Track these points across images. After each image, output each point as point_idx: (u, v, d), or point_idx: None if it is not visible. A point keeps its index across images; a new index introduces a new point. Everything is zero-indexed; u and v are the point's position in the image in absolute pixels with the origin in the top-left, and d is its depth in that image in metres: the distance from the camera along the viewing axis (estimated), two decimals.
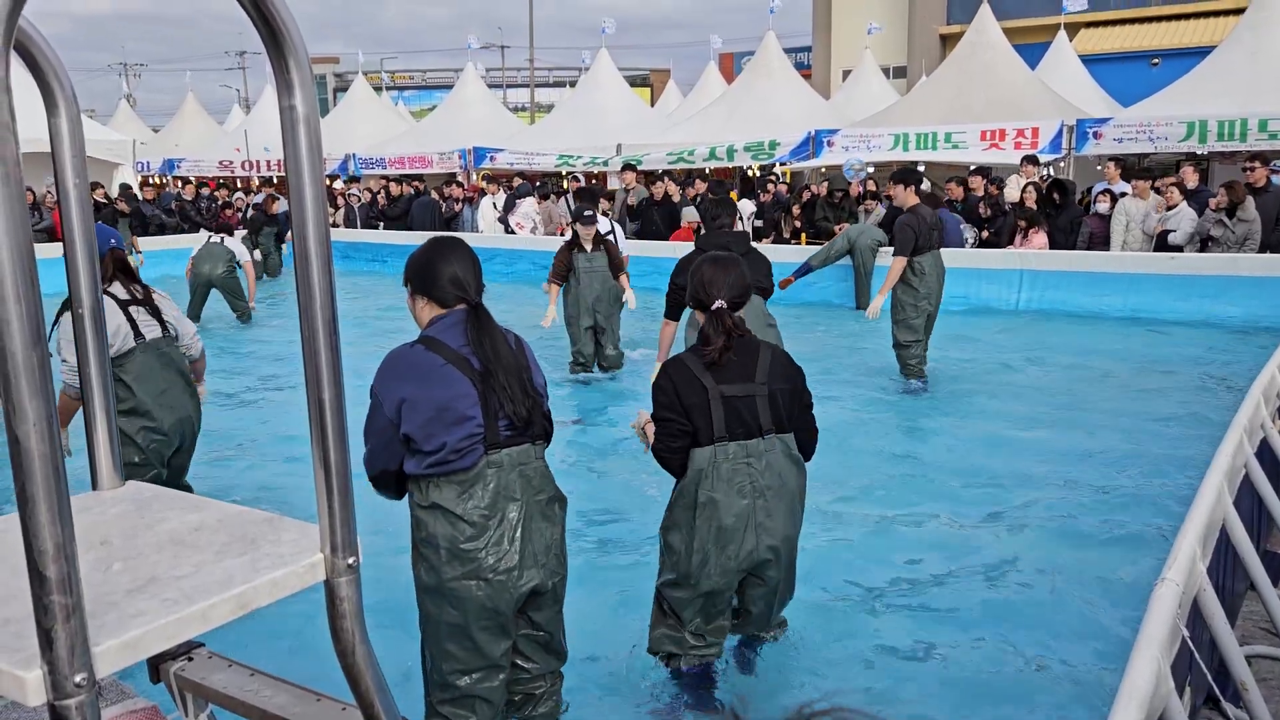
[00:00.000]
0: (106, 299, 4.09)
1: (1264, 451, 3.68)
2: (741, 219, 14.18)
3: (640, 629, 3.55)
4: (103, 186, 17.27)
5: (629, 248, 9.79)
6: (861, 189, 13.65)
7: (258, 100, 32.74)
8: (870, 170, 14.54)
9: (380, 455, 2.70)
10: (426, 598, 2.74)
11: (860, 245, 11.52)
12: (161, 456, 4.43)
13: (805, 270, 11.32)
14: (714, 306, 3.24)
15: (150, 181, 24.77)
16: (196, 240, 12.08)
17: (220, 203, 19.27)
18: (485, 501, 2.66)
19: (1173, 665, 2.08)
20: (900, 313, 7.53)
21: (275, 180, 24.08)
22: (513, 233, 15.08)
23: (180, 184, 20.14)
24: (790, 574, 3.40)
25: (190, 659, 1.72)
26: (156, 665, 1.70)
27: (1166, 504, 5.04)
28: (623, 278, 8.02)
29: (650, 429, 3.31)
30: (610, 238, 8.47)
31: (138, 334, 4.33)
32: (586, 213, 7.88)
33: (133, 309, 4.35)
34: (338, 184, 21.48)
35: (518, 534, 2.69)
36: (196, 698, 1.69)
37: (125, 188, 17.34)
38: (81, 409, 1.61)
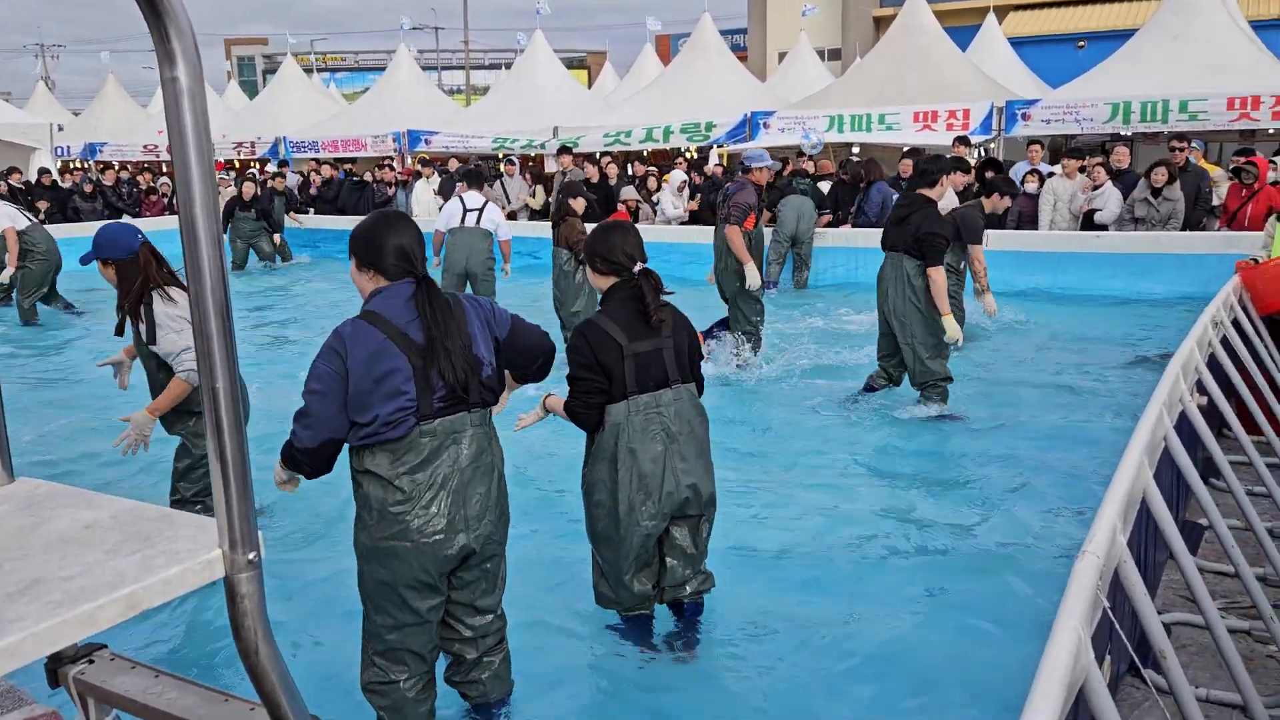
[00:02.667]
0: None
1: (1183, 425, 3.76)
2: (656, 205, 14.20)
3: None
4: (19, 171, 16.66)
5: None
6: (813, 165, 13.69)
7: None
8: (821, 146, 14.67)
9: (326, 425, 2.73)
10: (362, 554, 2.85)
11: (801, 233, 11.49)
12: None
13: (773, 286, 11.33)
14: (638, 269, 3.44)
15: (71, 167, 23.97)
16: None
17: (144, 188, 18.69)
18: (414, 466, 2.74)
19: (1094, 636, 2.11)
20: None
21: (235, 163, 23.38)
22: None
23: (101, 168, 19.47)
24: (711, 509, 3.60)
25: (91, 661, 1.64)
26: (55, 669, 1.62)
27: (1091, 478, 5.15)
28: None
29: (545, 404, 3.56)
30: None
31: None
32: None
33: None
34: (269, 168, 21.00)
35: (448, 499, 2.77)
36: (99, 702, 1.62)
37: (44, 172, 16.75)
38: None
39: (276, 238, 15.11)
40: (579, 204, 8.31)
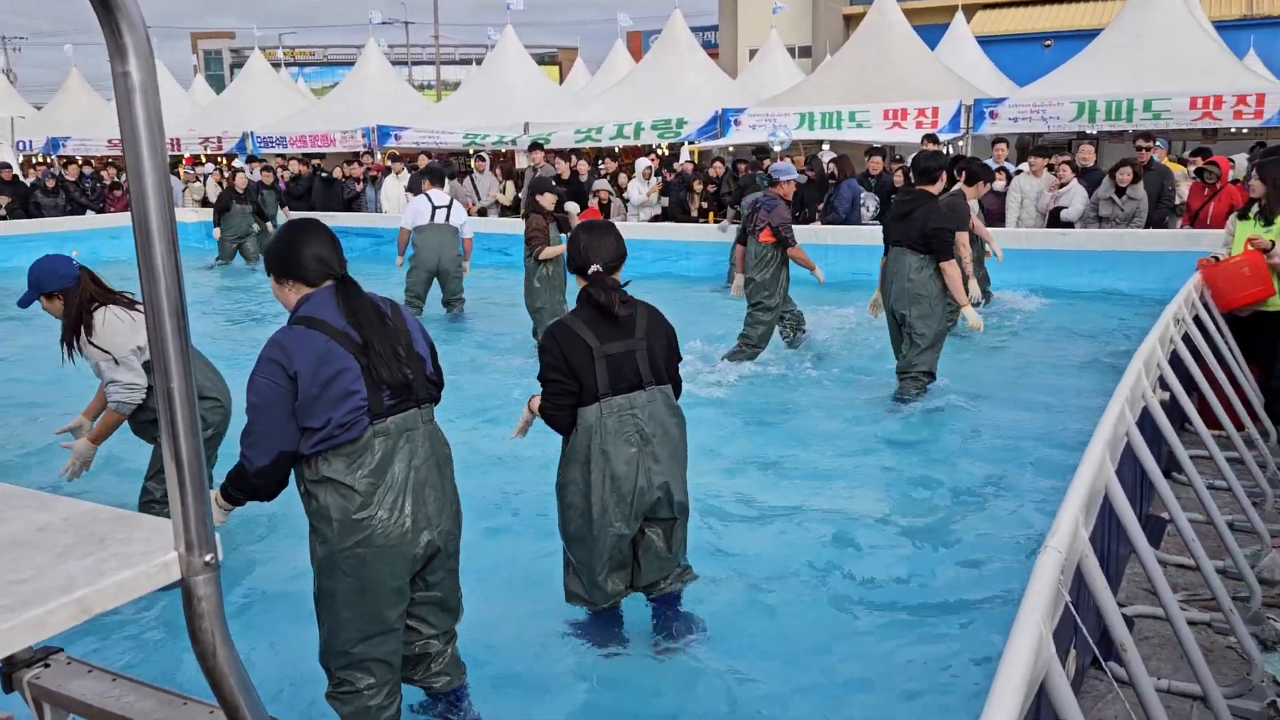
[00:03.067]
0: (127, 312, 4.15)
1: (1145, 420, 3.81)
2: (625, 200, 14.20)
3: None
4: None
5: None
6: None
7: None
8: (789, 144, 14.71)
9: (275, 437, 2.65)
10: (321, 569, 2.77)
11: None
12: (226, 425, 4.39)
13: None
14: (591, 270, 3.43)
15: (34, 161, 23.57)
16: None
17: (108, 183, 18.42)
18: (373, 469, 2.69)
19: (1058, 630, 2.13)
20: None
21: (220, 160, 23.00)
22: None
23: (64, 163, 19.16)
24: (684, 516, 3.59)
25: (47, 665, 1.61)
26: (10, 674, 1.59)
27: (1056, 472, 5.20)
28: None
29: (529, 408, 3.53)
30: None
31: None
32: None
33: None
34: (236, 162, 20.75)
35: (409, 498, 2.74)
36: (55, 707, 1.59)
37: (4, 166, 16.47)
38: None
39: (270, 226, 14.63)
40: (548, 200, 8.29)
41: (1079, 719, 1.94)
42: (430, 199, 9.56)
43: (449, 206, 9.62)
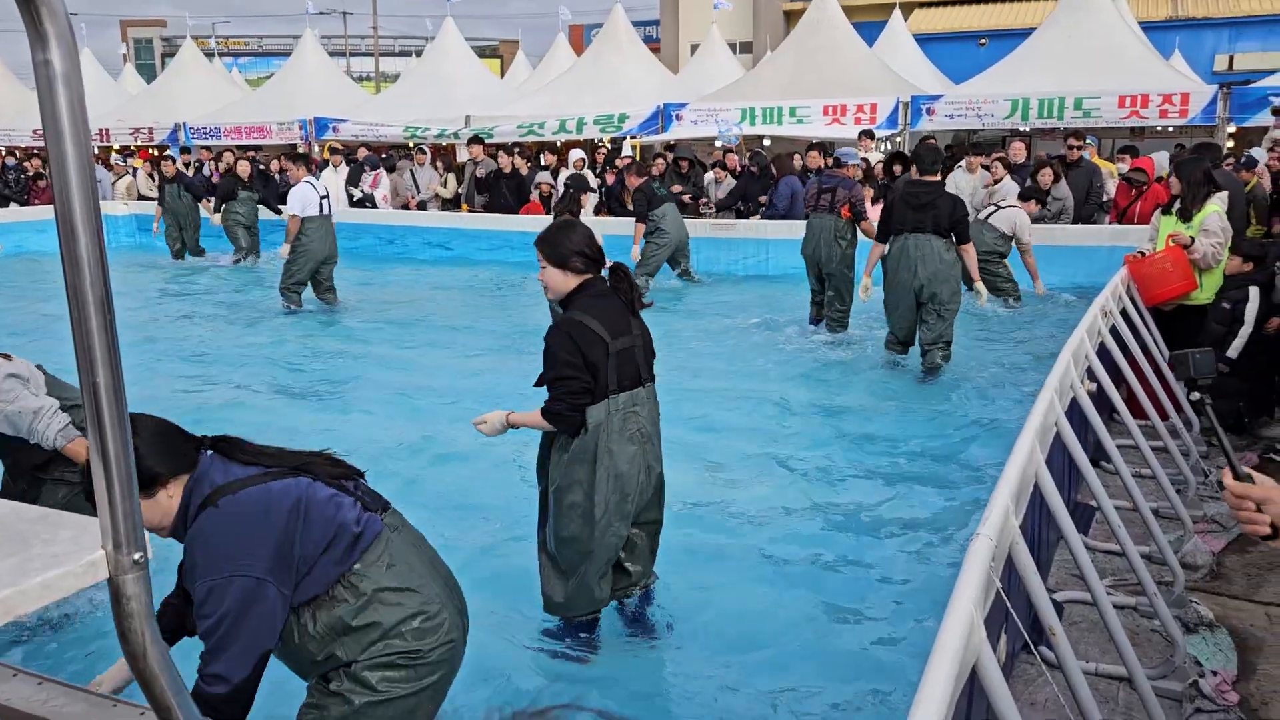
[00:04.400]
0: None
1: (1073, 410, 3.92)
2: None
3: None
4: None
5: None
6: (723, 156, 13.78)
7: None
8: (737, 140, 14.80)
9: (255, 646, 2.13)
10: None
11: (679, 239, 10.62)
12: None
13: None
14: (613, 263, 3.38)
15: None
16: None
17: (32, 174, 17.85)
18: (401, 560, 2.35)
19: (989, 616, 2.18)
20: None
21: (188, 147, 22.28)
22: (364, 204, 14.60)
23: None
24: (661, 515, 3.62)
25: None
26: None
27: (987, 462, 5.32)
28: None
29: (507, 420, 3.39)
30: None
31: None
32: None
33: None
34: (168, 154, 20.24)
35: (436, 580, 2.43)
36: None
37: None
38: None
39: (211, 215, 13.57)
40: (589, 199, 8.46)
41: (1010, 703, 1.98)
42: (314, 186, 9.59)
43: (327, 196, 9.77)
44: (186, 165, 17.00)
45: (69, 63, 1.11)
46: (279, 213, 13.42)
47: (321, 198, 9.61)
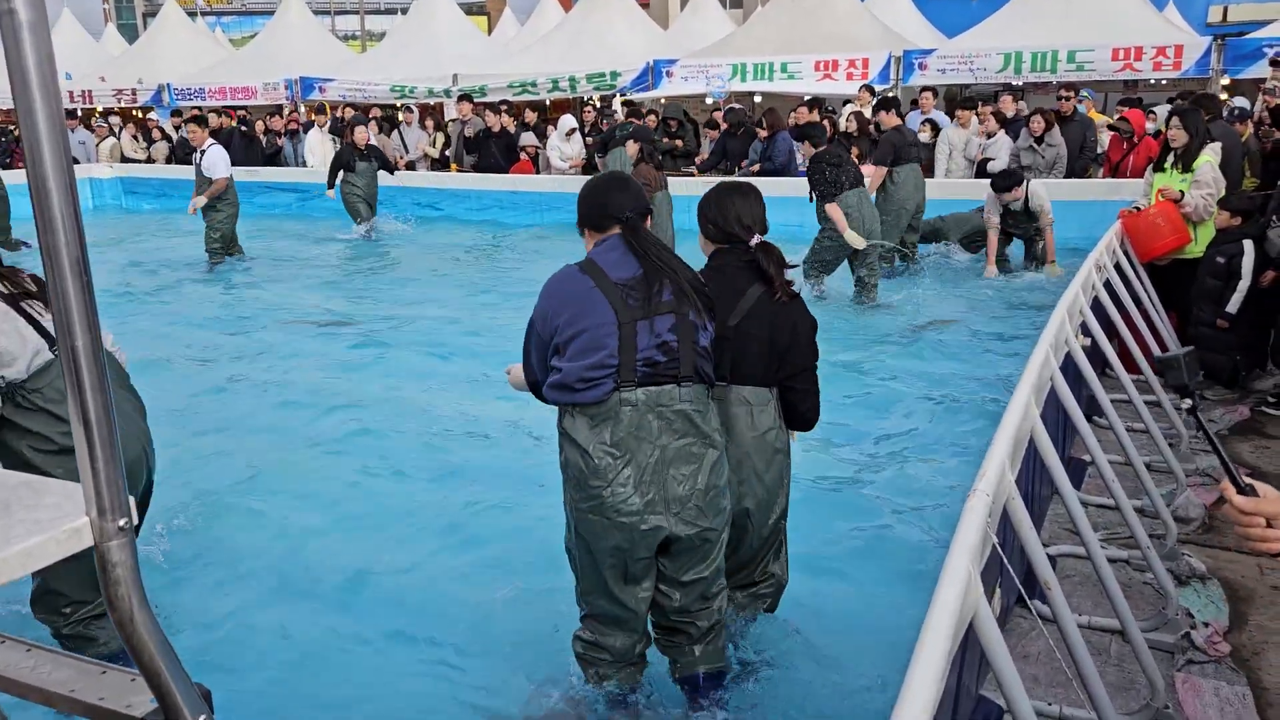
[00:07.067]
0: None
1: (1068, 365, 3.91)
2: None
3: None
4: None
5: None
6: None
7: (55, 24, 29.83)
8: (726, 95, 14.65)
9: (533, 369, 2.77)
10: (569, 512, 2.78)
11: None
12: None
13: None
14: (755, 241, 3.03)
15: None
16: None
17: (14, 136, 17.60)
18: (614, 440, 2.61)
19: (985, 570, 2.18)
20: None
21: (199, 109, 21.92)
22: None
23: None
24: None
25: None
26: None
27: (984, 417, 5.33)
28: None
29: None
30: None
31: (49, 338, 3.01)
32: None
33: (27, 305, 3.04)
34: (152, 115, 19.98)
35: (645, 477, 2.62)
36: None
37: None
38: None
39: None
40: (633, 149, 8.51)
41: (1006, 656, 1.99)
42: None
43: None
44: (177, 128, 16.76)
45: (36, 12, 1.06)
46: (391, 171, 12.73)
47: None
